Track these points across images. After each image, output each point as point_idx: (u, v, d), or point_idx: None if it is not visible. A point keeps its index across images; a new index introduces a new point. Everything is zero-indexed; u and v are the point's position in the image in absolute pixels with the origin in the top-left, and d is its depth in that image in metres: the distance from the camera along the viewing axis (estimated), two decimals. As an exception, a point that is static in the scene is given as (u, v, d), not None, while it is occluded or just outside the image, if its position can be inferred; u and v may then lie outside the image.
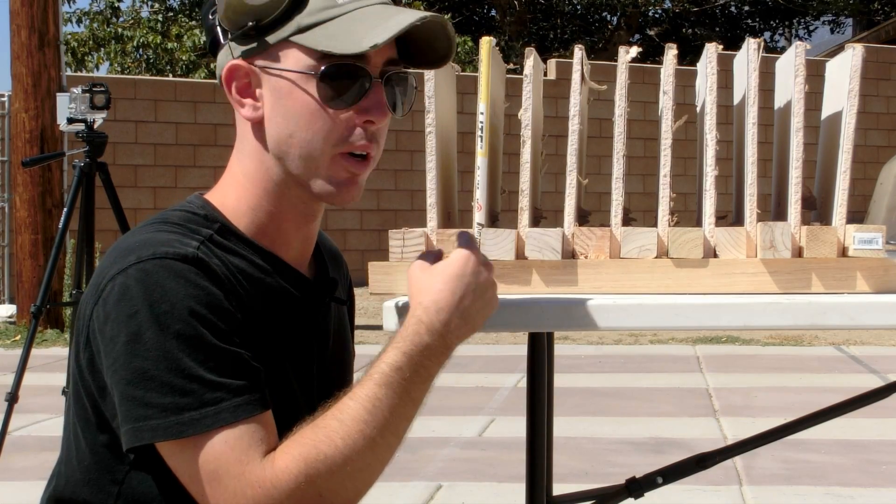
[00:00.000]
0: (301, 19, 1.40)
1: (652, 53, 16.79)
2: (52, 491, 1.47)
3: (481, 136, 1.70)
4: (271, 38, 1.42)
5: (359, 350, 1.81)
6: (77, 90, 4.73)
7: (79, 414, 1.42)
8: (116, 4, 17.36)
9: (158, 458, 1.35)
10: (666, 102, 1.75)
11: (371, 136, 1.43)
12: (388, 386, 1.36)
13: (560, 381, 2.31)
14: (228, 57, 1.45)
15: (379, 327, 1.74)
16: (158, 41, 16.02)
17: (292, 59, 1.41)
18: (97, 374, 1.37)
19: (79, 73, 14.23)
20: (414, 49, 1.46)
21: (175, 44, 16.03)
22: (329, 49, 1.38)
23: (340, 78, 1.39)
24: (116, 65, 16.43)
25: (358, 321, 4.78)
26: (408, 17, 1.38)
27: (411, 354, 1.37)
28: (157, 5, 18.11)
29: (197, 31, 16.24)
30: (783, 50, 3.88)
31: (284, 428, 1.37)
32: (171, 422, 1.30)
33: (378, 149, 1.45)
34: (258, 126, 1.45)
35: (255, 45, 1.43)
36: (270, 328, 1.43)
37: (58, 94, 4.93)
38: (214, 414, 1.30)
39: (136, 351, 1.31)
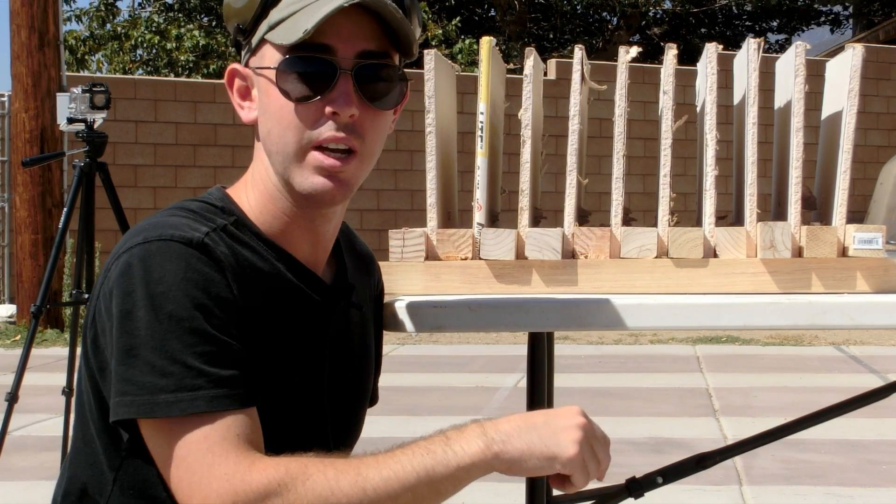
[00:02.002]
0: (272, 16, 1.40)
1: (652, 53, 16.79)
2: (62, 476, 1.48)
3: (481, 136, 1.70)
4: (254, 39, 1.43)
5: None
6: (77, 90, 4.73)
7: (85, 397, 1.43)
8: (114, 2, 17.37)
9: None
10: (666, 102, 1.75)
11: (348, 129, 1.39)
12: (412, 456, 1.30)
13: (560, 381, 2.30)
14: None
15: (378, 327, 1.71)
16: (157, 41, 16.02)
17: (268, 57, 1.41)
18: (100, 353, 1.38)
19: (79, 73, 14.23)
20: (401, 41, 1.43)
21: (174, 44, 16.03)
22: (279, 41, 1.39)
23: (299, 70, 1.38)
24: (117, 62, 16.43)
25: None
26: (345, 0, 1.34)
27: (451, 444, 1.32)
28: (155, 5, 18.11)
29: (196, 32, 16.24)
30: (783, 50, 3.88)
31: (279, 429, 1.36)
32: (145, 400, 1.29)
33: (363, 143, 1.40)
34: (256, 127, 1.46)
35: (247, 47, 1.44)
36: (276, 325, 1.42)
37: (58, 94, 4.93)
38: (190, 400, 1.29)
39: (127, 327, 1.31)
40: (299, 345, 1.45)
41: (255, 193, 1.46)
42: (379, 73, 1.41)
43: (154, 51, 16.22)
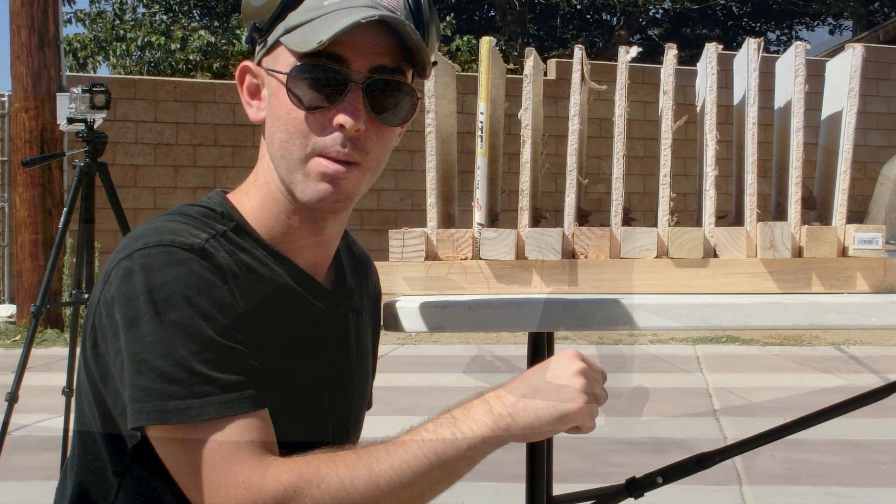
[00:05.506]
0: (290, 20, 1.39)
1: (652, 53, 16.79)
2: (63, 481, 1.48)
3: (481, 136, 1.70)
4: (270, 39, 1.42)
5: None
6: (77, 90, 4.73)
7: (85, 403, 1.42)
8: (123, 7, 17.41)
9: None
10: (666, 102, 1.75)
11: (353, 142, 1.38)
12: (422, 443, 1.30)
13: (560, 380, 2.30)
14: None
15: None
16: (162, 42, 16.03)
17: (282, 60, 1.41)
18: (100, 359, 1.37)
19: (79, 73, 14.24)
20: (415, 60, 1.42)
21: (177, 44, 16.03)
22: (294, 47, 1.38)
23: (311, 78, 1.37)
24: (120, 68, 16.46)
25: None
26: (364, 15, 1.34)
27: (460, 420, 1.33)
28: (154, 6, 18.13)
29: (202, 33, 16.25)
30: (782, 50, 3.88)
31: (286, 433, 1.36)
32: (156, 407, 1.29)
33: (366, 157, 1.40)
34: (263, 127, 1.45)
35: (262, 46, 1.44)
36: (278, 330, 1.42)
37: (58, 94, 4.92)
38: (200, 406, 1.28)
39: (132, 335, 1.30)
40: (301, 350, 1.45)
41: (258, 195, 1.46)
42: (390, 88, 1.40)
43: (157, 53, 16.24)
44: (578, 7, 22.39)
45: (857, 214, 1.88)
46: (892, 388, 2.05)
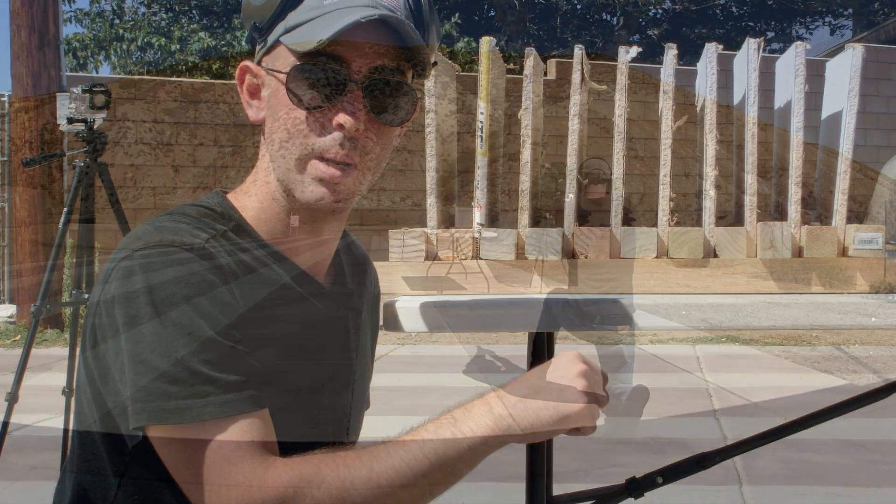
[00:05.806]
0: (290, 19, 1.39)
1: (652, 53, 16.79)
2: (62, 481, 1.48)
3: (481, 136, 1.70)
4: (270, 39, 1.42)
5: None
6: (77, 90, 4.73)
7: (84, 403, 1.42)
8: (123, 6, 17.44)
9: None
10: (666, 102, 1.75)
11: (352, 143, 1.38)
12: (423, 443, 1.30)
13: (560, 380, 2.30)
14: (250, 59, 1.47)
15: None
16: (162, 43, 16.06)
17: (281, 59, 1.41)
18: (100, 359, 1.37)
19: (79, 73, 14.24)
20: (415, 60, 1.42)
21: (177, 45, 16.06)
22: (294, 47, 1.38)
23: (310, 78, 1.37)
24: (119, 68, 16.48)
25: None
26: (364, 14, 1.34)
27: (459, 419, 1.33)
28: (156, 5, 18.16)
29: (202, 34, 16.27)
30: (782, 50, 3.87)
31: (286, 433, 1.36)
32: (156, 407, 1.29)
33: (365, 157, 1.39)
34: (263, 126, 1.45)
35: (262, 45, 1.44)
36: (278, 330, 1.42)
37: (58, 94, 4.92)
38: (201, 406, 1.28)
39: (133, 335, 1.30)
40: (301, 350, 1.45)
41: (257, 195, 1.46)
42: (390, 88, 1.40)
43: (157, 54, 16.27)
44: (578, 7, 22.38)
45: (857, 214, 1.88)
46: (892, 388, 2.05)
